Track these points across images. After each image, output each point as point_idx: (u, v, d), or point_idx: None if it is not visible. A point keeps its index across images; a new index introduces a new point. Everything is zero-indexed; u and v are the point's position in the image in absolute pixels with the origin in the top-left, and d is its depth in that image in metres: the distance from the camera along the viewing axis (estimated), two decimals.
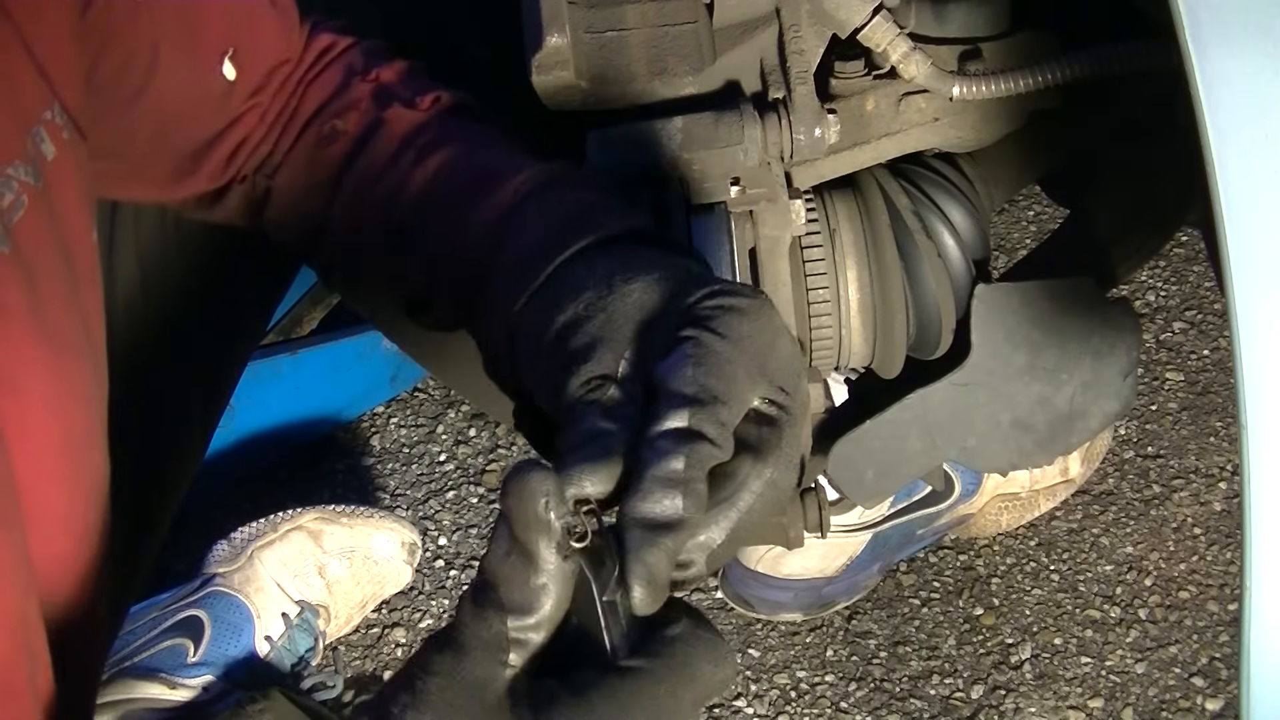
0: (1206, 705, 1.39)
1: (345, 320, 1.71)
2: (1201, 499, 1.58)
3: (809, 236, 0.98)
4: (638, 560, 0.57)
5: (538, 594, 0.56)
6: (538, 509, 0.55)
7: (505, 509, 0.56)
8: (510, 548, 0.56)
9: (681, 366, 0.62)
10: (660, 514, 0.58)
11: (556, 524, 0.55)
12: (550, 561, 0.55)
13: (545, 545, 0.55)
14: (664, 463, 0.59)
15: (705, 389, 0.61)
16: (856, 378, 1.20)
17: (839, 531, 1.43)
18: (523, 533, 0.55)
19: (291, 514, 1.46)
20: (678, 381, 0.61)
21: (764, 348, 0.64)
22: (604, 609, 0.57)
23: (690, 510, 0.58)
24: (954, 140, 1.03)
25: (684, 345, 0.63)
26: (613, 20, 0.90)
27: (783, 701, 1.43)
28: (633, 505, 0.58)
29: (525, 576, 0.55)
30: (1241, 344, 0.65)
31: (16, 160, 0.66)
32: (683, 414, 0.60)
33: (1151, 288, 1.83)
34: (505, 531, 0.56)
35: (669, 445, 0.59)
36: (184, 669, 1.35)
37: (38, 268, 0.66)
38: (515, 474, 0.55)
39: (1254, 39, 0.63)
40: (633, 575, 0.57)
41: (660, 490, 0.58)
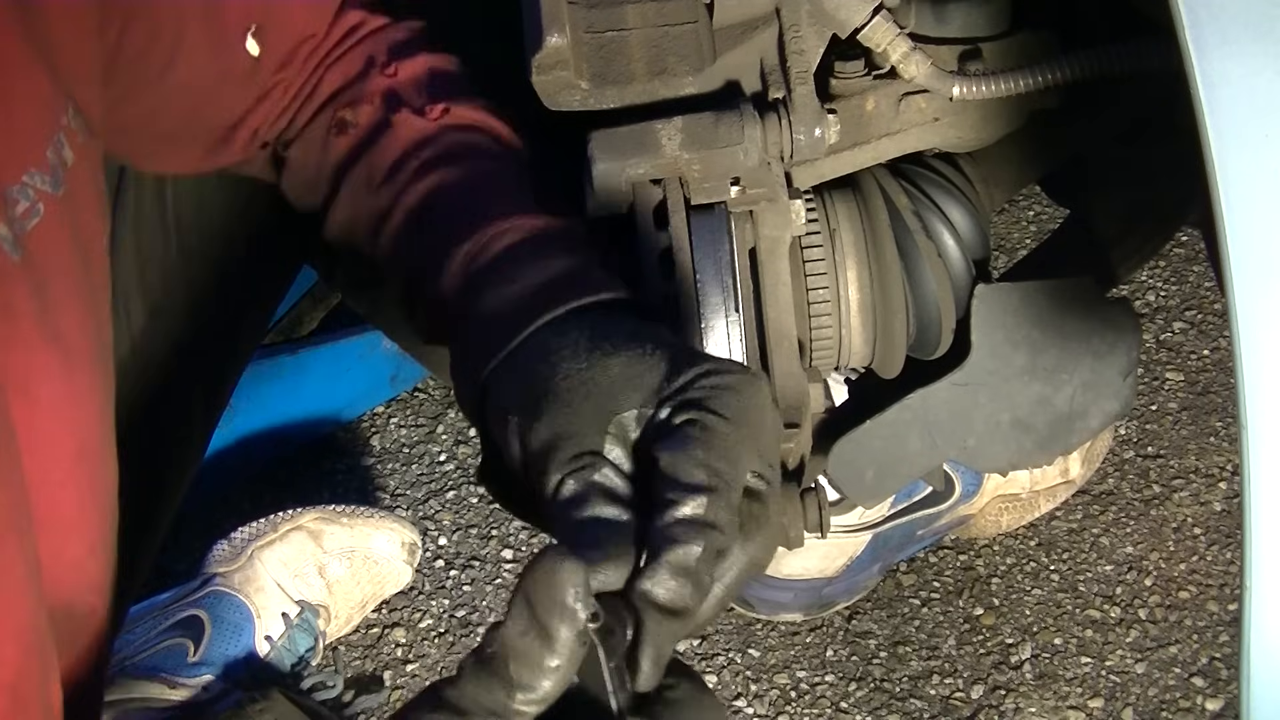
0: (1206, 705, 1.39)
1: (345, 320, 1.71)
2: (1201, 499, 1.58)
3: (809, 236, 0.98)
4: (650, 644, 0.59)
5: (549, 674, 0.57)
6: (566, 599, 0.56)
7: (528, 591, 0.57)
8: (528, 628, 0.57)
9: (689, 449, 0.64)
10: (672, 602, 0.61)
11: (582, 615, 0.57)
12: (570, 646, 0.57)
13: (567, 632, 0.56)
14: (680, 550, 0.61)
15: (715, 474, 0.63)
16: (856, 378, 1.21)
17: (839, 532, 1.43)
18: (546, 618, 0.56)
19: (291, 514, 1.46)
20: (687, 466, 0.63)
21: (758, 425, 0.66)
22: (611, 675, 0.59)
23: (695, 602, 0.61)
24: (954, 140, 1.03)
25: (687, 428, 0.65)
26: (613, 20, 0.90)
27: (783, 701, 1.43)
28: (649, 590, 0.61)
29: (540, 657, 0.57)
30: (1241, 344, 0.65)
31: (33, 169, 0.66)
32: (698, 501, 0.62)
33: (1151, 288, 1.83)
34: (525, 610, 0.57)
35: (684, 534, 0.62)
36: (184, 669, 1.35)
37: (51, 275, 0.66)
38: (546, 563, 0.57)
39: (1254, 39, 0.63)
40: (644, 657, 0.59)
41: (674, 579, 0.61)
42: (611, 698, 0.59)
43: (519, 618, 0.57)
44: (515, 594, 0.58)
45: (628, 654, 0.60)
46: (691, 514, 0.62)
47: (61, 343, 0.67)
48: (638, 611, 0.61)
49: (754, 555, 0.66)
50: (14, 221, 0.64)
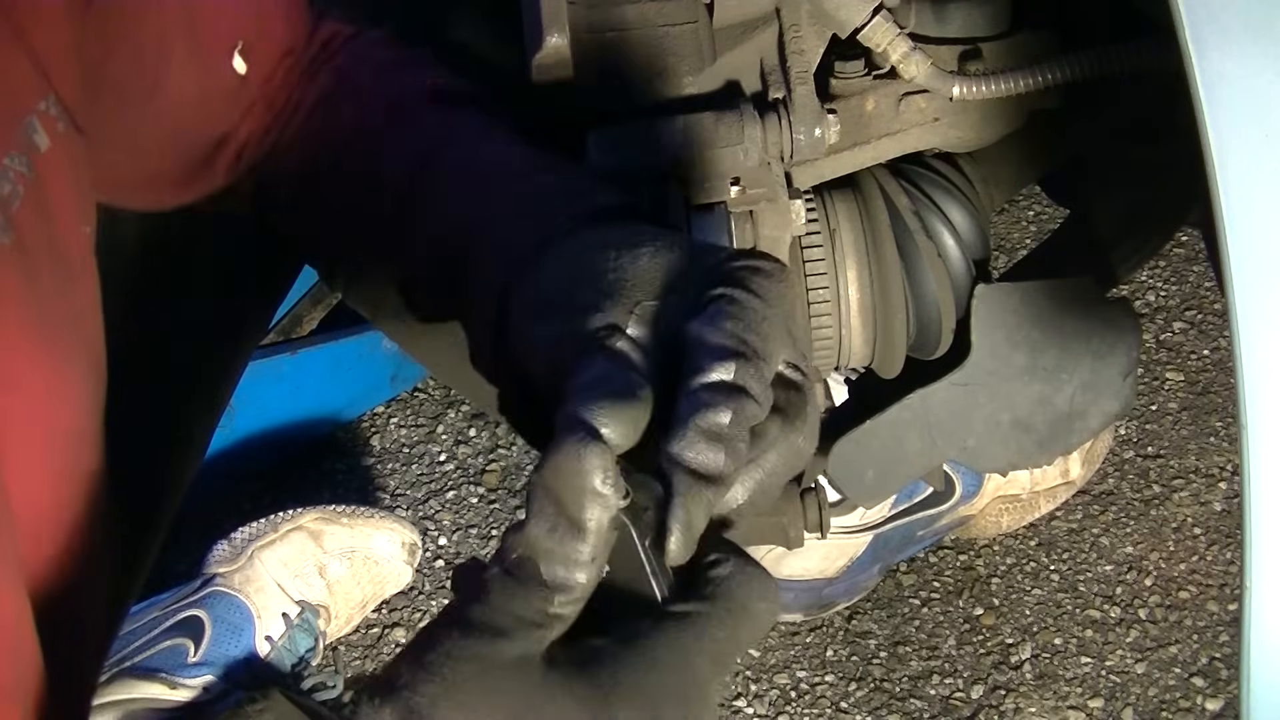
0: (1206, 705, 1.39)
1: (345, 320, 1.71)
2: (1201, 499, 1.58)
3: (809, 236, 0.98)
4: (681, 507, 0.55)
5: (586, 568, 0.53)
6: (595, 484, 0.53)
7: (552, 483, 0.53)
8: (555, 523, 0.53)
9: (720, 320, 0.60)
10: (703, 465, 0.56)
11: (614, 499, 0.53)
12: (603, 535, 0.53)
13: (601, 518, 0.53)
14: (710, 414, 0.56)
15: (748, 344, 0.59)
16: (856, 378, 1.21)
17: (839, 532, 1.43)
18: (577, 511, 0.53)
19: (291, 514, 1.46)
20: (719, 335, 0.59)
21: (790, 313, 0.63)
22: (647, 556, 0.55)
23: (730, 468, 0.57)
24: (954, 140, 1.03)
25: (720, 302, 0.61)
26: (613, 20, 0.90)
27: (783, 701, 1.43)
28: (678, 453, 0.56)
29: (575, 553, 0.53)
30: (1241, 344, 0.65)
31: (12, 150, 0.65)
32: (728, 367, 0.58)
33: (1151, 288, 1.83)
34: (549, 505, 0.53)
35: (714, 398, 0.57)
36: (184, 669, 1.35)
37: (36, 259, 0.66)
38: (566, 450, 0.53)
39: (1254, 39, 0.63)
40: (673, 520, 0.55)
41: (704, 442, 0.56)
42: (651, 579, 0.55)
43: (543, 514, 0.53)
44: (534, 490, 0.54)
45: (656, 524, 0.55)
46: (720, 378, 0.58)
47: (47, 329, 0.67)
48: (665, 476, 0.56)
49: (794, 442, 0.61)
50: (3, 203, 0.64)
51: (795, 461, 0.61)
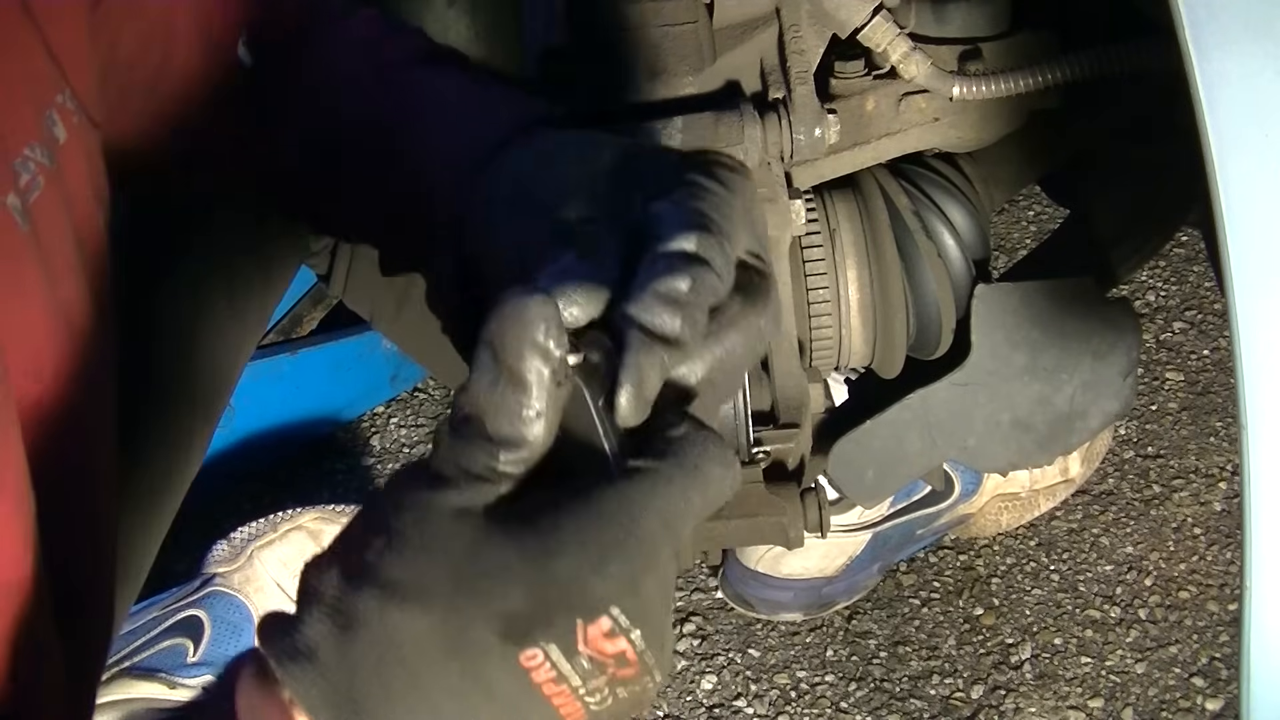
0: (1206, 705, 1.39)
1: (345, 320, 1.71)
2: (1201, 499, 1.58)
3: (809, 236, 0.98)
4: (633, 364, 0.54)
5: (531, 424, 0.52)
6: (536, 336, 0.52)
7: (494, 336, 0.52)
8: (498, 376, 0.52)
9: (685, 200, 0.59)
10: (658, 327, 0.55)
11: (556, 352, 0.52)
12: (546, 388, 0.52)
13: (542, 373, 0.52)
14: (669, 279, 0.56)
15: (712, 220, 0.59)
16: (856, 378, 1.21)
17: (839, 531, 1.43)
18: (516, 361, 0.52)
19: (291, 514, 1.46)
20: (682, 210, 0.59)
21: (752, 203, 0.63)
22: (599, 415, 0.53)
23: (686, 335, 0.56)
24: (954, 140, 1.03)
25: (684, 187, 0.60)
26: (613, 20, 0.90)
27: (783, 701, 1.43)
28: (634, 312, 0.55)
29: (517, 406, 0.52)
30: (1241, 344, 0.65)
31: (34, 141, 0.66)
32: (690, 238, 0.57)
33: (1151, 288, 1.83)
34: (491, 361, 0.52)
35: (675, 264, 0.56)
36: (184, 669, 1.35)
37: (53, 249, 0.66)
38: (508, 303, 0.52)
39: (1254, 39, 0.63)
40: (624, 376, 0.54)
41: (661, 305, 0.55)
42: (603, 438, 0.53)
43: (486, 369, 0.52)
44: (478, 346, 0.53)
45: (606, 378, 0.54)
46: (681, 247, 0.57)
47: (67, 318, 0.67)
48: (619, 334, 0.55)
49: (755, 323, 0.60)
50: (21, 193, 0.64)
51: (756, 344, 0.60)
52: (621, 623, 0.51)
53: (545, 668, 0.51)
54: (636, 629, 0.52)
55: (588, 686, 0.52)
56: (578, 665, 0.51)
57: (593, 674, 0.51)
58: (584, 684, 0.51)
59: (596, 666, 0.51)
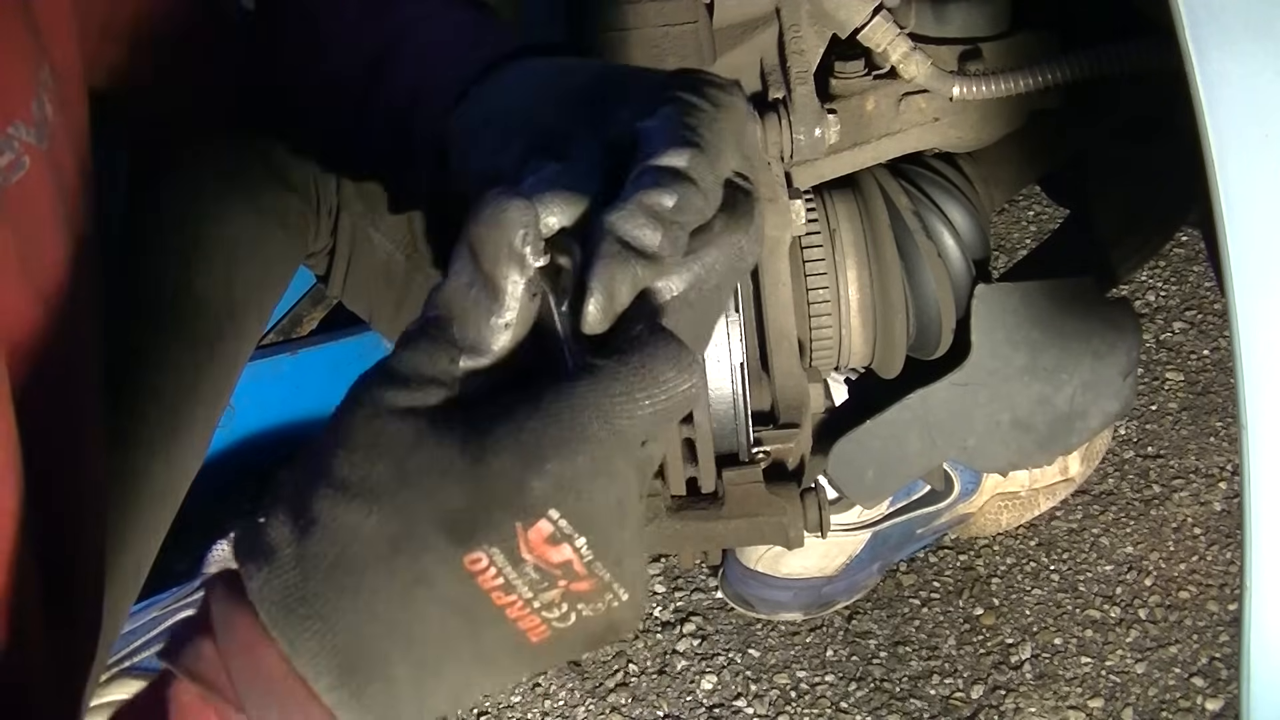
0: (1206, 705, 1.39)
1: (345, 320, 1.71)
2: (1201, 499, 1.58)
3: (809, 236, 0.98)
4: (603, 271, 0.53)
5: (498, 333, 0.52)
6: (514, 241, 0.51)
7: (474, 237, 0.51)
8: (474, 279, 0.52)
9: (674, 117, 0.59)
10: (635, 238, 0.54)
11: (532, 261, 0.51)
12: (519, 299, 0.52)
13: (516, 282, 0.51)
14: (654, 193, 0.55)
15: (701, 137, 0.58)
16: (856, 378, 1.21)
17: (838, 531, 1.43)
18: (492, 266, 0.51)
19: None
20: (672, 126, 0.58)
21: (740, 122, 0.62)
22: (560, 318, 0.53)
23: (665, 251, 0.55)
24: (954, 140, 1.03)
25: (672, 104, 0.60)
26: (613, 20, 0.90)
27: (783, 701, 1.43)
28: (614, 220, 0.54)
29: (487, 313, 0.52)
30: (1241, 344, 0.65)
31: (19, 120, 0.65)
32: (681, 154, 0.56)
33: (1151, 288, 1.83)
34: (469, 262, 0.52)
35: (661, 178, 0.55)
36: None
37: (34, 228, 0.66)
38: (492, 201, 0.51)
39: (1254, 39, 0.63)
40: (593, 280, 0.53)
41: (643, 217, 0.54)
42: (563, 345, 0.52)
43: (463, 271, 0.52)
44: (458, 245, 0.52)
45: (574, 285, 0.52)
46: (670, 163, 0.56)
47: (42, 294, 0.67)
48: (595, 241, 0.53)
49: (737, 241, 0.59)
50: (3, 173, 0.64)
51: (738, 263, 0.59)
52: (562, 527, 0.50)
53: (491, 573, 0.50)
54: (581, 536, 0.50)
55: (541, 599, 0.50)
56: (524, 573, 0.50)
57: (542, 585, 0.50)
58: (535, 595, 0.50)
59: (545, 576, 0.50)
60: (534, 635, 0.51)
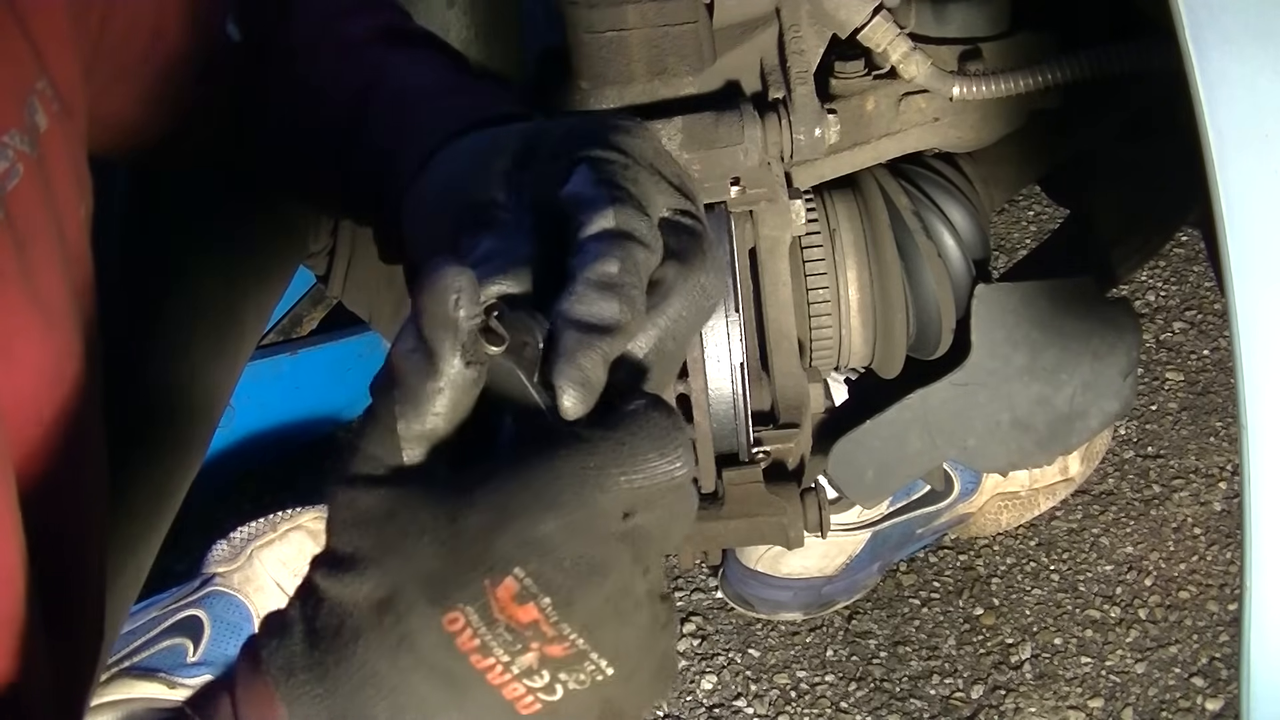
0: (1206, 705, 1.39)
1: (345, 320, 1.71)
2: (1201, 499, 1.58)
3: (809, 236, 0.98)
4: (571, 363, 0.53)
5: (430, 400, 0.53)
6: (448, 306, 0.52)
7: (417, 304, 0.53)
8: (415, 345, 0.53)
9: (590, 178, 0.59)
10: (595, 316, 0.55)
11: (465, 325, 0.52)
12: (452, 365, 0.52)
13: (449, 348, 0.52)
14: (597, 265, 0.56)
15: (623, 190, 0.59)
16: (856, 378, 1.21)
17: (838, 530, 1.43)
18: (429, 331, 0.52)
19: (291, 514, 1.46)
20: (592, 190, 0.59)
21: (657, 159, 0.62)
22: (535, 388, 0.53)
23: (626, 316, 0.55)
24: (954, 140, 1.03)
25: (583, 165, 0.61)
26: (613, 20, 0.90)
27: (783, 701, 1.43)
28: (567, 307, 0.55)
29: (424, 376, 0.53)
30: (1241, 344, 0.65)
31: (13, 129, 0.66)
32: (608, 215, 0.57)
33: (1151, 288, 1.83)
34: (412, 327, 0.53)
35: (600, 247, 0.56)
36: (184, 669, 1.35)
37: (30, 237, 0.66)
38: (430, 268, 0.52)
39: (1254, 39, 0.63)
40: (563, 378, 0.53)
41: (595, 293, 0.55)
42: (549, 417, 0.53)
43: (407, 335, 0.53)
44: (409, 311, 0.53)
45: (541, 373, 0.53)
46: (602, 228, 0.57)
47: (41, 304, 0.67)
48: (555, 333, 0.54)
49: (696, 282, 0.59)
50: None
51: (702, 303, 0.60)
52: (528, 585, 0.50)
53: (467, 634, 0.51)
54: (545, 596, 0.50)
55: (518, 664, 0.51)
56: (498, 634, 0.51)
57: (515, 646, 0.51)
58: (511, 659, 0.51)
59: (517, 637, 0.51)
60: (522, 707, 0.52)
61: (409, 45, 0.86)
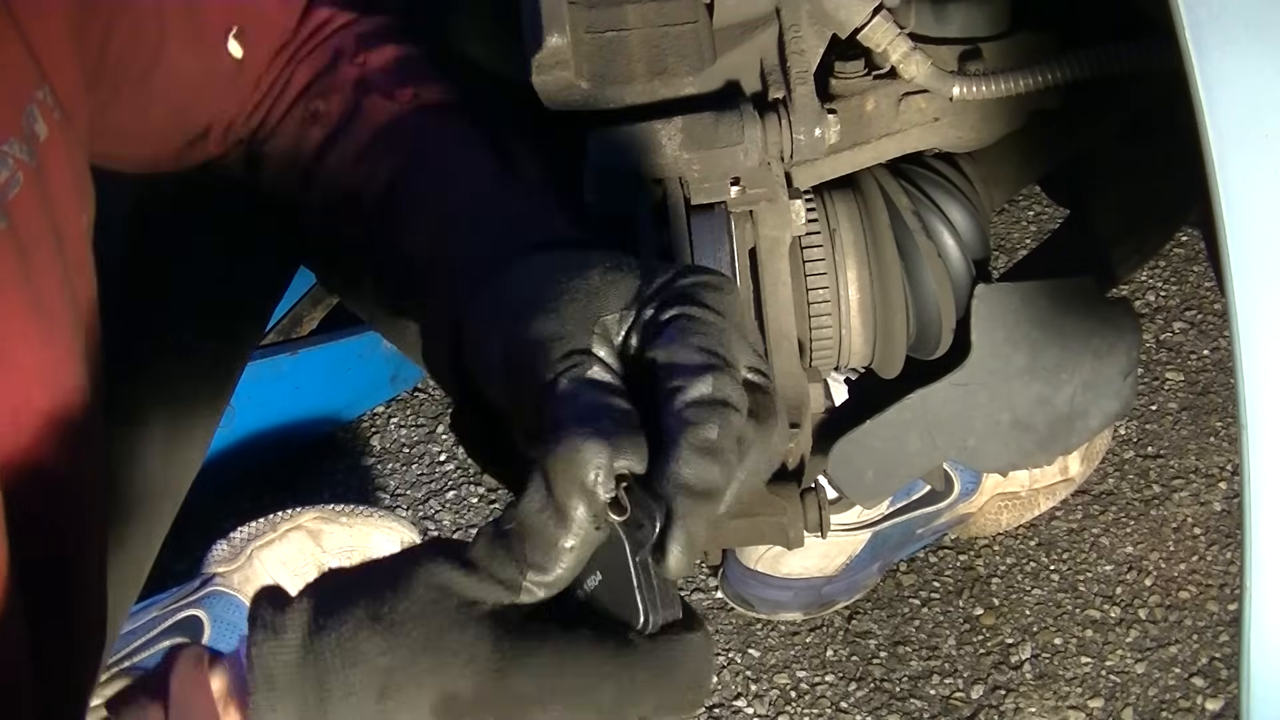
0: (1206, 705, 1.39)
1: (345, 320, 1.71)
2: (1201, 499, 1.58)
3: (809, 236, 0.98)
4: (682, 528, 0.57)
5: (562, 556, 0.57)
6: (587, 479, 0.56)
7: (551, 469, 0.56)
8: (546, 505, 0.56)
9: (686, 337, 0.62)
10: (702, 481, 0.58)
11: (602, 496, 0.56)
12: (585, 528, 0.56)
13: (584, 512, 0.56)
14: (700, 431, 0.59)
15: (718, 356, 0.61)
16: (856, 378, 1.21)
17: (838, 531, 1.43)
18: (565, 497, 0.56)
19: (291, 514, 1.46)
20: (688, 352, 0.61)
21: (743, 319, 0.65)
22: (635, 571, 0.57)
23: (725, 482, 0.59)
24: (954, 140, 1.03)
25: (679, 320, 0.63)
26: (613, 20, 0.90)
27: (783, 701, 1.43)
28: (676, 470, 0.58)
29: (555, 536, 0.56)
30: (1241, 344, 0.65)
31: (12, 137, 0.66)
32: (706, 381, 0.60)
33: (1151, 288, 1.83)
34: (543, 488, 0.57)
35: (700, 413, 0.59)
36: None
37: (32, 244, 0.66)
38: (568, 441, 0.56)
39: (1254, 39, 0.63)
40: (674, 541, 0.57)
41: (700, 459, 0.58)
42: (636, 593, 0.57)
43: (536, 496, 0.57)
44: (534, 471, 0.57)
45: (657, 541, 0.57)
46: (701, 394, 0.60)
47: (42, 311, 0.67)
48: (667, 498, 0.58)
49: (770, 441, 0.63)
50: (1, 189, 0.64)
51: (773, 459, 0.63)
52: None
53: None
54: None
55: None
56: None
57: None
58: None
59: None
60: None
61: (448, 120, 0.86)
